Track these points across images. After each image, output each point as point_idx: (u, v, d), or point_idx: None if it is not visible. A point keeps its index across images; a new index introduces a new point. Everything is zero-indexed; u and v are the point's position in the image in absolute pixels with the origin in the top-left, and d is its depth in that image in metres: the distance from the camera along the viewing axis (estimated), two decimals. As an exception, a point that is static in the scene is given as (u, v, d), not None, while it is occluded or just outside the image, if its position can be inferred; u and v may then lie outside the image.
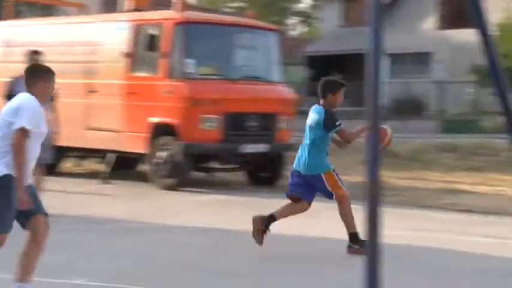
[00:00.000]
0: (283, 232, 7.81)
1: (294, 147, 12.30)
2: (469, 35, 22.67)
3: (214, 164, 11.85)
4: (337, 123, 6.69)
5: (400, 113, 25.90)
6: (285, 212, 6.88)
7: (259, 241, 6.68)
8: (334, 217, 7.03)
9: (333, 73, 31.40)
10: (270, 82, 11.93)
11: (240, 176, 12.25)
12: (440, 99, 25.61)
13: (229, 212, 9.20)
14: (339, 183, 6.75)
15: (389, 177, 12.25)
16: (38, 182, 7.20)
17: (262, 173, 12.06)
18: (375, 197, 1.53)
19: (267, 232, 6.71)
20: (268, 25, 13.53)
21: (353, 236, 6.62)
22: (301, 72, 32.25)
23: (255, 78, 11.92)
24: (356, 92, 28.90)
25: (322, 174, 6.71)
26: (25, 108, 4.70)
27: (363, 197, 1.54)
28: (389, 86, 27.14)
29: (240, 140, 11.12)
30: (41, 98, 4.87)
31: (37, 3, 21.43)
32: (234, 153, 11.28)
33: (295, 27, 56.34)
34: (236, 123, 11.18)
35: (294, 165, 6.90)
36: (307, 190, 6.77)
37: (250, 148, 11.23)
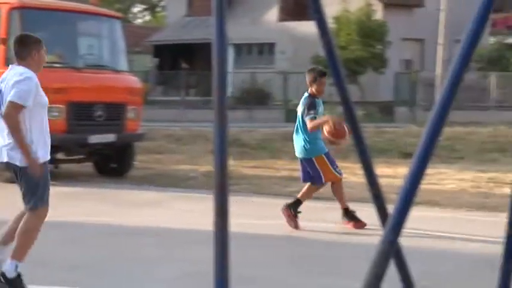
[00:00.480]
0: (132, 224, 7.73)
1: (142, 137, 12.20)
2: (309, 27, 23.51)
3: (60, 155, 11.45)
4: (311, 112, 7.27)
5: (246, 102, 26.39)
6: (306, 194, 7.46)
7: (295, 226, 7.33)
8: (176, 207, 7.04)
9: (182, 62, 31.43)
10: (116, 71, 11.69)
11: (89, 167, 11.94)
12: (284, 89, 26.37)
13: (78, 204, 8.94)
14: (330, 167, 7.30)
15: (238, 166, 12.46)
16: None
17: (111, 164, 11.82)
18: (223, 185, 1.53)
19: (298, 216, 7.36)
20: (111, 12, 13.25)
21: (346, 211, 7.46)
22: (148, 61, 31.94)
23: (100, 67, 11.65)
24: (204, 81, 29.15)
25: (313, 158, 7.30)
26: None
27: (212, 186, 1.53)
28: (235, 76, 27.56)
29: (86, 130, 10.83)
30: (37, 69, 4.92)
31: None
32: (80, 143, 10.96)
33: (142, 16, 55.63)
34: (81, 113, 10.87)
35: (296, 153, 7.58)
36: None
37: (97, 138, 10.95)
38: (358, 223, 7.41)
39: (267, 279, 5.60)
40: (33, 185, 4.87)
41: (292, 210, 7.39)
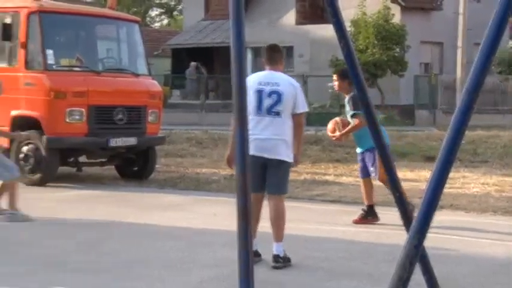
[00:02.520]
0: (156, 227, 7.74)
1: (163, 140, 12.23)
2: (326, 30, 23.40)
3: (82, 158, 11.54)
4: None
5: (265, 105, 26.27)
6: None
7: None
8: (200, 210, 7.04)
9: (200, 66, 31.31)
10: (135, 74, 11.73)
11: (111, 170, 12.01)
12: (304, 92, 26.29)
13: (101, 207, 8.97)
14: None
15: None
16: None
17: (133, 167, 11.88)
18: (245, 188, 1.55)
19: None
20: (129, 16, 13.37)
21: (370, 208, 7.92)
22: (167, 65, 32.04)
23: (119, 70, 11.75)
24: (222, 85, 29.18)
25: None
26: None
27: (234, 189, 1.56)
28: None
29: (107, 133, 10.90)
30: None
31: None
32: (102, 147, 11.03)
33: (160, 19, 55.87)
34: (102, 116, 10.95)
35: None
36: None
37: (118, 141, 11.01)
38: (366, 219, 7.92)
39: (295, 284, 5.58)
40: (288, 176, 6.09)
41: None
